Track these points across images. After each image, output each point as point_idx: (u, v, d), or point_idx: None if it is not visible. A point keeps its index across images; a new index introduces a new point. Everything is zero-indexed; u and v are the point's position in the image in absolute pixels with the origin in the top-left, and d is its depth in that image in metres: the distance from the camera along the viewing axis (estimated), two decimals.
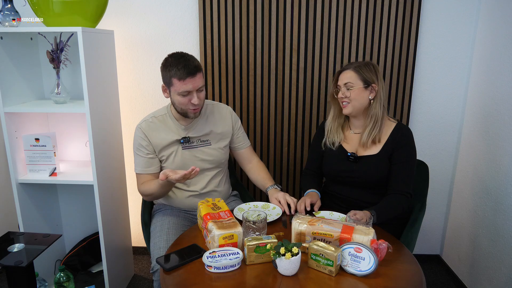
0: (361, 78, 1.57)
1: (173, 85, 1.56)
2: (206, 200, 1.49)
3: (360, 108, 1.61)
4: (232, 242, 1.26)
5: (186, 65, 1.53)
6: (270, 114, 2.24)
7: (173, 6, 2.14)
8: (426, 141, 2.29)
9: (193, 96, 1.56)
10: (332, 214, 1.55)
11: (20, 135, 1.86)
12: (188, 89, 1.54)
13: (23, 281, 1.28)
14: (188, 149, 1.71)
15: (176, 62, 1.54)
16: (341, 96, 1.61)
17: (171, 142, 1.69)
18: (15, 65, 1.87)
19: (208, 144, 1.75)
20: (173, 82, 1.55)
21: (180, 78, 1.52)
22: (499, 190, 1.87)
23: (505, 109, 1.84)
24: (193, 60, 1.57)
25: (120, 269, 2.16)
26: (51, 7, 1.68)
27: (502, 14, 1.89)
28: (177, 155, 1.70)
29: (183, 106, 1.59)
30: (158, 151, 1.69)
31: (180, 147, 1.70)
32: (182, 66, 1.52)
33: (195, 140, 1.72)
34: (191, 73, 1.53)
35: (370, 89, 1.59)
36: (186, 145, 1.70)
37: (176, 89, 1.56)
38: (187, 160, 1.70)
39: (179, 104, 1.59)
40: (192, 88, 1.55)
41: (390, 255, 1.24)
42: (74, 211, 2.31)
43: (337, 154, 1.68)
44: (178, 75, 1.52)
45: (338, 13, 2.09)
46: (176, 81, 1.54)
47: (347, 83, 1.59)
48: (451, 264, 2.34)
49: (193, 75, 1.53)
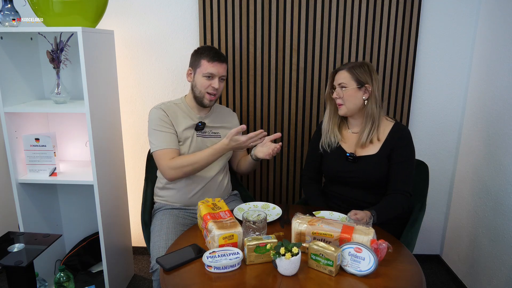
0: (355, 79, 1.58)
1: (200, 66, 1.70)
2: (206, 200, 1.49)
3: (355, 109, 1.62)
4: (232, 242, 1.26)
5: (217, 52, 1.71)
6: (270, 114, 2.24)
7: (173, 6, 2.14)
8: (426, 141, 2.29)
9: (215, 81, 1.69)
10: (332, 214, 1.55)
11: (20, 135, 1.86)
12: (213, 72, 1.68)
13: (23, 281, 1.28)
14: (201, 137, 1.78)
15: (208, 49, 1.73)
16: (335, 96, 1.63)
17: (188, 126, 1.76)
18: (15, 65, 1.87)
19: (218, 136, 1.81)
20: (201, 63, 1.69)
21: (209, 60, 1.68)
22: (499, 190, 1.87)
23: (505, 109, 1.84)
24: (223, 54, 1.75)
25: (120, 269, 2.16)
26: (51, 7, 1.68)
27: (502, 14, 1.89)
28: (193, 141, 1.76)
29: (203, 88, 1.70)
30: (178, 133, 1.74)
31: (195, 133, 1.76)
32: (214, 52, 1.70)
33: (208, 130, 1.80)
34: (220, 59, 1.70)
35: (363, 90, 1.59)
36: (200, 132, 1.78)
37: (202, 70, 1.69)
38: (200, 148, 1.75)
39: (201, 85, 1.71)
40: (217, 72, 1.69)
41: (390, 255, 1.24)
42: (74, 211, 2.30)
43: (336, 154, 1.68)
44: (209, 57, 1.68)
45: (338, 13, 2.09)
46: (205, 62, 1.68)
47: (341, 83, 1.60)
48: (451, 264, 2.34)
49: (221, 62, 1.70)
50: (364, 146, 1.63)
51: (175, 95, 2.25)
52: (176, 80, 2.24)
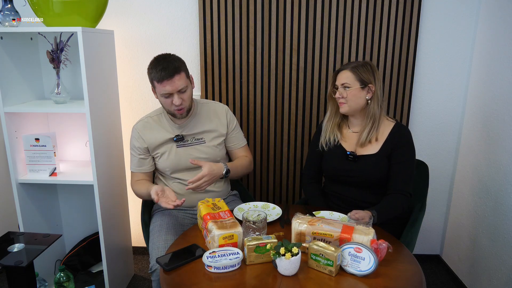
0: (358, 79, 1.58)
1: (155, 87, 1.62)
2: (206, 200, 1.49)
3: (357, 108, 1.62)
4: (232, 242, 1.26)
5: (164, 68, 1.55)
6: (270, 114, 2.24)
7: (173, 6, 2.14)
8: (426, 141, 2.29)
9: (174, 97, 1.59)
10: (332, 214, 1.55)
11: (20, 135, 1.86)
12: (167, 91, 1.58)
13: (23, 281, 1.28)
14: (182, 147, 1.74)
15: (156, 65, 1.58)
16: (338, 96, 1.62)
17: (165, 140, 1.73)
18: (15, 65, 1.87)
19: (203, 142, 1.77)
20: (154, 84, 1.61)
21: (159, 80, 1.56)
22: (499, 190, 1.87)
23: (505, 109, 1.84)
24: (174, 62, 1.58)
25: (120, 269, 2.16)
26: (51, 7, 1.68)
27: (502, 14, 1.89)
28: (171, 153, 1.73)
29: (167, 107, 1.65)
30: (152, 149, 1.74)
31: (174, 145, 1.73)
32: (160, 69, 1.55)
33: (190, 138, 1.75)
34: (169, 76, 1.55)
35: (367, 90, 1.59)
36: (180, 143, 1.74)
37: (158, 91, 1.61)
38: (181, 158, 1.73)
39: (164, 104, 1.66)
40: (171, 90, 1.57)
41: (390, 255, 1.24)
42: (74, 211, 2.31)
43: (336, 153, 1.68)
44: (156, 77, 1.56)
45: (338, 13, 2.09)
46: (156, 83, 1.59)
47: (344, 84, 1.60)
48: (451, 264, 2.34)
49: (171, 77, 1.55)
50: (364, 146, 1.63)
51: None
52: None
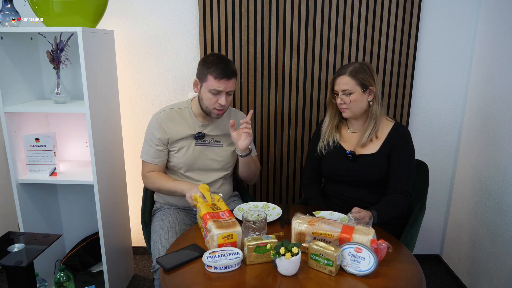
0: (359, 83, 1.56)
1: (206, 81, 1.61)
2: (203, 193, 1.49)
3: (360, 112, 1.61)
4: (231, 242, 1.26)
5: (225, 67, 1.60)
6: (270, 114, 2.24)
7: (173, 6, 2.14)
8: (426, 141, 2.29)
9: (222, 97, 1.62)
10: (332, 214, 1.55)
11: (20, 135, 1.86)
12: (219, 89, 1.60)
13: (23, 281, 1.28)
14: (200, 146, 1.74)
15: (216, 61, 1.60)
16: (340, 102, 1.60)
17: (186, 135, 1.72)
18: (15, 65, 1.87)
19: (220, 145, 1.77)
20: (208, 79, 1.61)
21: (216, 77, 1.58)
22: (499, 190, 1.87)
23: (505, 109, 1.84)
24: (232, 65, 1.64)
25: (120, 269, 2.16)
26: (51, 7, 1.68)
27: (502, 14, 1.89)
28: (189, 149, 1.73)
29: (209, 104, 1.64)
30: (171, 142, 1.72)
31: (193, 142, 1.73)
32: (222, 66, 1.59)
33: (209, 139, 1.76)
34: (228, 76, 1.59)
35: (368, 92, 1.59)
36: (200, 141, 1.74)
37: (208, 86, 1.61)
38: (197, 156, 1.73)
39: (207, 101, 1.64)
40: (223, 89, 1.60)
41: (390, 255, 1.24)
42: (74, 211, 2.31)
43: (336, 153, 1.68)
44: (215, 73, 1.58)
45: (338, 13, 2.09)
46: (212, 78, 1.59)
47: (345, 90, 1.57)
48: (451, 264, 2.34)
49: (229, 78, 1.60)
50: (364, 145, 1.63)
51: (175, 95, 2.25)
52: (176, 80, 2.24)
